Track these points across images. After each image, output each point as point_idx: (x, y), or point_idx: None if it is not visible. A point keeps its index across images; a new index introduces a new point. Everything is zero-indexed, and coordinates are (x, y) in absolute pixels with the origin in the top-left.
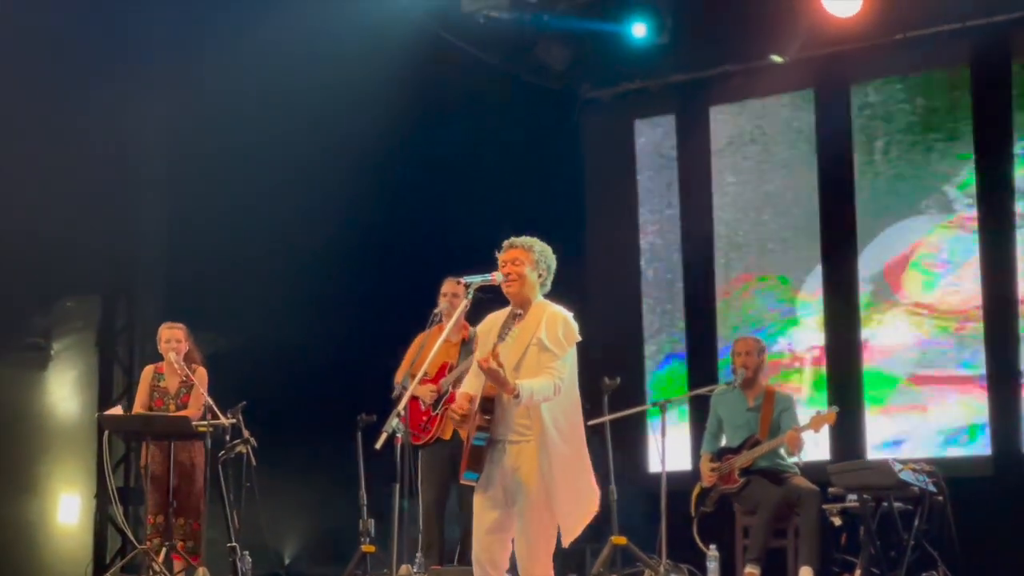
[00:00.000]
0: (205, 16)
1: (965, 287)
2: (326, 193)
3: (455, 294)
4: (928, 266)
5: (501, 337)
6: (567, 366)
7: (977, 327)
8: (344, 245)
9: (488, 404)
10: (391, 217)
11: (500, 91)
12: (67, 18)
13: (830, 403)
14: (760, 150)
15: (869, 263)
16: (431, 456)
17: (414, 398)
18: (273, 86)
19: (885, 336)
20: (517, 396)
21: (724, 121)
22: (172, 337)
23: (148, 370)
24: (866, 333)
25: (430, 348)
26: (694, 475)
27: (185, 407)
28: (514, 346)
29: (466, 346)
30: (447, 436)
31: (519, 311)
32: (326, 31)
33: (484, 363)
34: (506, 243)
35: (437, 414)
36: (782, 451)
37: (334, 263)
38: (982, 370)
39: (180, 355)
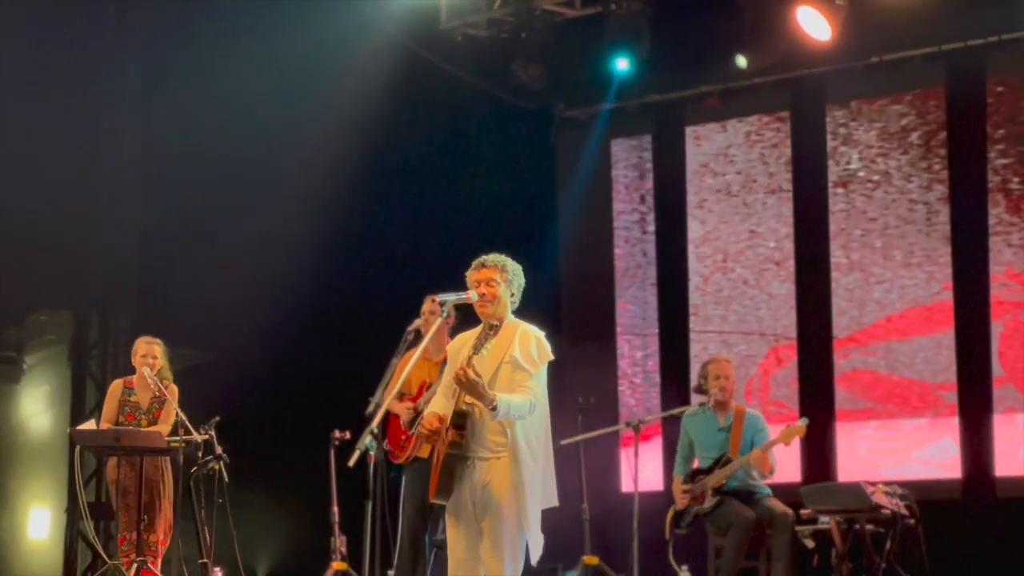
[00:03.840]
0: (180, 30)
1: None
2: (301, 209)
3: (432, 312)
4: None
5: (476, 350)
6: (540, 384)
7: None
8: (318, 261)
9: (461, 419)
10: (366, 233)
11: (477, 109)
12: (41, 29)
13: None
14: (735, 169)
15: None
16: (412, 474)
17: (395, 416)
18: (248, 101)
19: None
20: (494, 409)
21: (700, 141)
22: (149, 352)
23: (117, 384)
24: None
25: (403, 369)
26: (666, 496)
27: (157, 422)
28: (486, 364)
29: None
30: (425, 454)
31: (492, 327)
32: (302, 47)
33: (462, 374)
34: (477, 262)
35: (414, 433)
36: (754, 472)
37: (308, 279)
38: None
39: (155, 371)
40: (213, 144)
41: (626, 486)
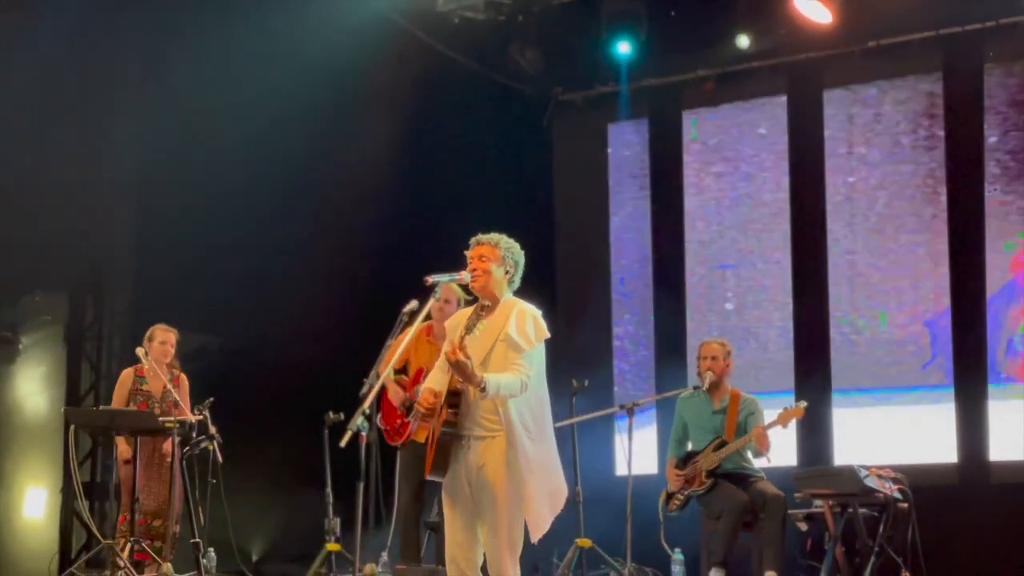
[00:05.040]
0: (176, 15)
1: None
2: (296, 192)
3: (447, 300)
4: None
5: (468, 330)
6: (535, 363)
7: None
8: (313, 244)
9: (454, 398)
10: (361, 216)
11: (473, 92)
12: (40, 17)
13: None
14: (732, 153)
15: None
16: (407, 456)
17: (388, 397)
18: (243, 84)
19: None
20: (483, 390)
21: (697, 124)
22: (167, 340)
23: (128, 373)
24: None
25: (398, 347)
26: (660, 479)
27: (169, 413)
28: (481, 341)
29: None
30: (421, 439)
31: (485, 307)
32: (297, 29)
33: (452, 355)
34: (473, 240)
35: (411, 419)
36: (749, 453)
37: (303, 261)
38: None
39: (167, 359)
40: (209, 127)
41: (619, 469)
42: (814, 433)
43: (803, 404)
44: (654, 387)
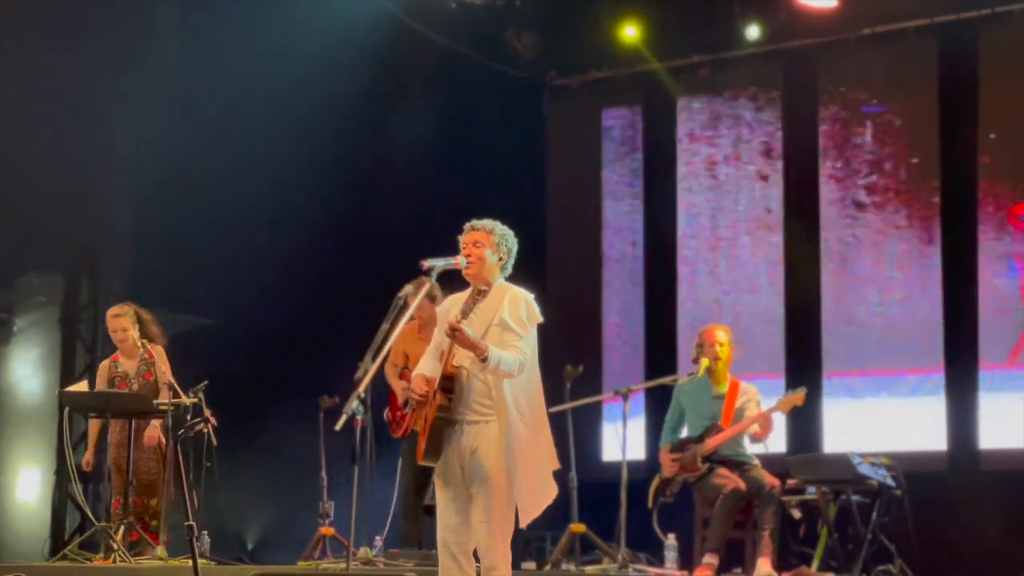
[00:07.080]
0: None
1: None
2: (292, 177)
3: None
4: None
5: (464, 314)
6: (529, 346)
7: None
8: (310, 228)
9: (448, 383)
10: (357, 201)
11: (468, 77)
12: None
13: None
14: (726, 139)
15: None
16: (409, 445)
17: (392, 391)
18: (239, 70)
19: None
20: (485, 359)
21: (691, 110)
22: (118, 327)
23: (104, 365)
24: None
25: (401, 335)
26: (649, 465)
27: (147, 384)
28: (476, 326)
29: None
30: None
31: (482, 288)
32: (293, 16)
33: (452, 323)
34: (467, 225)
35: (407, 412)
36: (745, 440)
37: (299, 245)
38: None
39: (126, 344)
40: (206, 112)
41: (607, 455)
42: (804, 420)
43: (803, 390)
44: (643, 374)
